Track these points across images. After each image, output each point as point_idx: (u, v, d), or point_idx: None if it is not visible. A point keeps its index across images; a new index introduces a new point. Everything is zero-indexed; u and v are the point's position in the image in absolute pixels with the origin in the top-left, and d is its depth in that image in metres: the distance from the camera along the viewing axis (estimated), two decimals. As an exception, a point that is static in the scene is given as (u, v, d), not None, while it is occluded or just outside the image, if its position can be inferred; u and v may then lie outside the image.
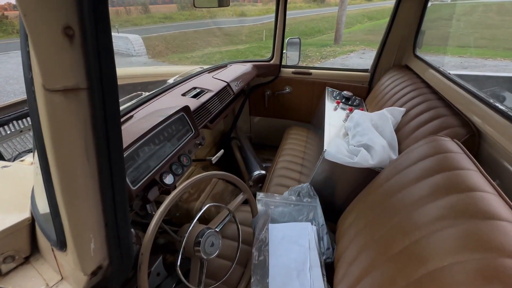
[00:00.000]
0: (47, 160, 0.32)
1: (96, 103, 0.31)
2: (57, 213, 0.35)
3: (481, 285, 0.34)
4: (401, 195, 0.58)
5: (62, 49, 0.27)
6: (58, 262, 0.45)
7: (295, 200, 0.93)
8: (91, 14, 0.27)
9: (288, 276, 0.75)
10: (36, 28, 0.26)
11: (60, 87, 0.28)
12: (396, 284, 0.45)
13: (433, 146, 0.62)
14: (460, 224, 0.42)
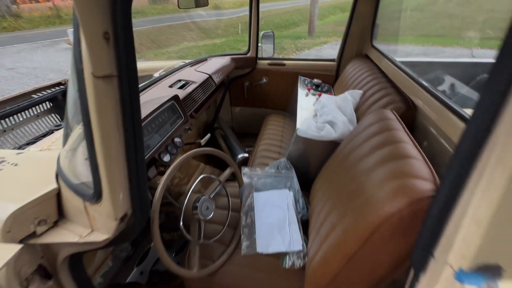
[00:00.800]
0: (91, 130, 0.44)
1: (123, 86, 0.44)
2: (96, 171, 0.47)
3: (394, 199, 0.51)
4: (353, 155, 0.76)
5: (102, 48, 0.40)
6: (90, 215, 0.56)
7: (275, 173, 1.09)
8: (119, 24, 0.40)
9: (272, 232, 0.91)
10: (88, 33, 0.38)
11: (101, 74, 0.41)
12: (345, 216, 0.62)
13: (377, 116, 0.80)
14: (388, 165, 0.59)
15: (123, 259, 1.09)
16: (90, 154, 0.46)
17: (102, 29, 0.39)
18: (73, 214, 0.60)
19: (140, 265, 1.11)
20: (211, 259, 0.84)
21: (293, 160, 1.11)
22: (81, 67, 0.40)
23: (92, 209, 0.54)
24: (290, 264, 0.82)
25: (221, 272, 0.82)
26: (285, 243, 0.87)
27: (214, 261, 0.82)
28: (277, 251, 0.86)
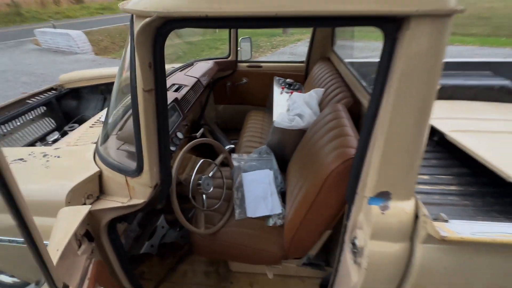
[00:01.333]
0: (139, 124, 0.67)
1: (158, 96, 0.67)
2: (140, 152, 0.70)
3: (335, 161, 0.79)
4: (314, 137, 1.04)
5: (148, 73, 0.63)
6: (130, 187, 0.78)
7: (258, 157, 1.35)
8: (156, 57, 0.63)
9: (258, 201, 1.18)
10: (140, 64, 0.61)
11: (147, 89, 0.64)
12: (307, 178, 0.90)
13: (331, 109, 1.09)
14: (333, 142, 0.88)
15: (134, 238, 1.31)
16: (137, 141, 0.69)
17: (147, 60, 0.62)
18: (114, 188, 0.82)
19: (150, 240, 1.33)
20: (212, 224, 1.09)
21: (272, 147, 1.39)
22: (135, 84, 0.63)
23: (132, 181, 0.77)
24: (272, 223, 1.10)
25: (221, 232, 1.07)
26: (268, 208, 1.15)
27: (215, 225, 1.07)
28: (263, 214, 1.13)
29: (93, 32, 8.61)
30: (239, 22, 0.56)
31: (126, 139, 0.88)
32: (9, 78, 4.70)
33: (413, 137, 0.57)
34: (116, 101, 0.89)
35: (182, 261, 1.28)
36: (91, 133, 1.09)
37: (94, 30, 9.27)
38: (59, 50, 6.69)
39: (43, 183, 0.81)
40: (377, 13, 0.49)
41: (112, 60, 5.90)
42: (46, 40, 6.93)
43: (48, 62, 5.71)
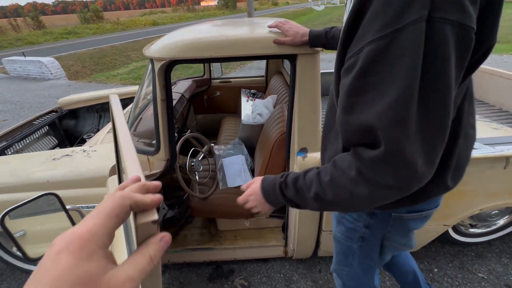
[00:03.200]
0: (158, 121, 1.12)
1: (168, 103, 1.14)
2: (158, 136, 1.15)
3: (277, 136, 1.31)
4: (267, 128, 1.56)
5: (162, 89, 1.10)
6: (150, 162, 1.21)
7: (233, 147, 1.84)
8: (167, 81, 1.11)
9: (235, 176, 1.65)
10: (159, 84, 1.08)
11: (162, 98, 1.11)
12: (263, 150, 1.41)
13: (278, 108, 1.62)
14: (277, 126, 1.40)
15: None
16: (156, 130, 1.15)
17: (162, 83, 1.10)
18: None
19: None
20: (204, 193, 1.54)
21: (242, 139, 1.89)
22: (156, 96, 1.10)
23: (152, 158, 1.22)
24: (246, 189, 1.58)
25: (211, 198, 1.53)
26: (242, 180, 1.63)
27: (205, 193, 1.53)
28: (239, 184, 1.60)
29: (63, 58, 8.70)
30: (211, 60, 1.06)
31: (142, 135, 1.32)
32: None
33: (313, 118, 1.10)
34: (134, 110, 1.34)
35: (182, 229, 1.70)
36: (110, 136, 1.51)
37: (63, 55, 9.33)
38: (30, 77, 6.75)
39: (90, 166, 1.23)
40: (286, 53, 1.02)
41: (88, 84, 6.12)
42: (15, 68, 6.94)
43: (21, 89, 5.79)
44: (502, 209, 1.48)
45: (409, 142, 0.42)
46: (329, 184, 0.53)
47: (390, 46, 0.39)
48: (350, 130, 0.48)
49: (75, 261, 0.20)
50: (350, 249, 0.83)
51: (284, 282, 1.51)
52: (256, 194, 0.68)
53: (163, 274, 1.61)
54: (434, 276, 1.49)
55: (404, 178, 0.45)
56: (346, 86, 0.46)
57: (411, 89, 0.39)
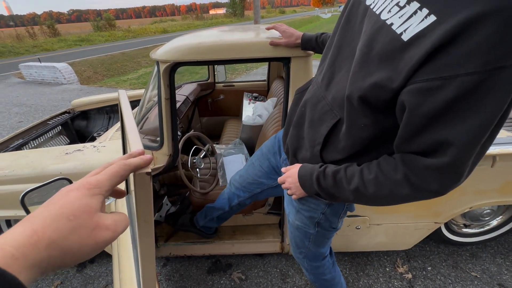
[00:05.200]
0: (162, 117, 1.22)
1: (172, 101, 1.24)
2: (162, 133, 1.24)
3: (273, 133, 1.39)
4: (266, 127, 1.64)
5: (167, 88, 1.20)
6: (154, 157, 1.30)
7: (234, 147, 1.92)
8: (171, 81, 1.21)
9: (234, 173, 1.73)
10: (164, 84, 1.18)
11: (166, 98, 1.20)
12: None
13: (276, 109, 1.70)
14: (274, 124, 1.48)
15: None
16: (160, 126, 1.24)
17: (167, 83, 1.20)
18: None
19: (158, 212, 1.82)
20: (204, 188, 1.62)
21: (243, 139, 1.97)
22: (161, 95, 1.19)
23: (156, 153, 1.31)
24: (245, 186, 1.65)
25: (211, 194, 1.60)
26: (242, 177, 1.70)
27: (206, 189, 1.61)
28: (238, 181, 1.68)
29: (76, 64, 9.04)
30: (212, 63, 1.16)
31: (148, 132, 1.42)
32: (1, 110, 5.00)
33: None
34: (140, 110, 1.44)
35: (184, 224, 1.78)
36: (119, 134, 1.62)
37: (76, 61, 9.70)
38: (44, 82, 7.04)
39: (100, 159, 1.33)
40: (280, 56, 1.11)
41: (99, 89, 6.35)
42: (31, 73, 7.26)
43: (36, 93, 6.05)
44: (493, 209, 1.51)
45: (468, 161, 0.49)
46: (372, 182, 0.60)
47: (489, 80, 0.42)
48: (417, 142, 0.52)
49: (80, 195, 0.26)
50: (306, 234, 0.94)
51: (280, 277, 1.56)
52: (293, 177, 0.77)
53: (165, 266, 1.69)
54: (427, 274, 1.51)
55: (448, 186, 0.53)
56: (428, 108, 0.47)
57: (494, 120, 0.46)
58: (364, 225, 1.40)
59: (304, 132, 0.77)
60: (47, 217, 0.24)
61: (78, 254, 0.24)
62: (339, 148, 0.68)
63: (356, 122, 0.62)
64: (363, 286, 1.48)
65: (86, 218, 0.25)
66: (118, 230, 0.28)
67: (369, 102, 0.56)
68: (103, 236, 0.26)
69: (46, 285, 1.59)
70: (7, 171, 1.32)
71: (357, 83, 0.57)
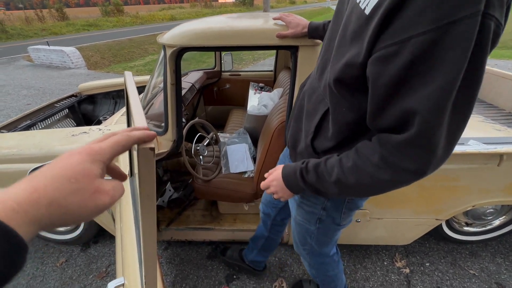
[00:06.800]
0: (167, 102, 1.22)
1: (177, 87, 1.24)
2: (167, 118, 1.25)
3: (277, 124, 1.38)
4: (270, 118, 1.63)
5: (172, 74, 1.19)
6: (158, 142, 1.32)
7: (237, 136, 1.93)
8: (177, 67, 1.20)
9: (238, 163, 1.74)
10: (170, 69, 1.17)
11: (172, 83, 1.20)
12: (264, 137, 1.48)
13: (282, 100, 1.69)
14: (279, 115, 1.47)
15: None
16: (165, 112, 1.25)
17: (173, 68, 1.19)
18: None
19: (161, 197, 1.84)
20: (207, 176, 1.64)
21: (247, 129, 1.97)
22: (167, 80, 1.19)
23: (160, 138, 1.32)
24: (247, 176, 1.66)
25: (213, 181, 1.62)
26: (244, 167, 1.71)
27: (209, 176, 1.62)
28: (241, 170, 1.69)
29: (83, 48, 9.04)
30: (218, 49, 1.14)
31: (153, 117, 1.43)
32: (10, 92, 5.06)
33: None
34: (145, 97, 1.44)
35: (185, 209, 1.81)
36: (124, 118, 1.63)
37: (84, 46, 9.70)
38: (52, 66, 7.08)
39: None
40: (288, 44, 1.09)
41: (106, 74, 6.36)
42: (39, 57, 7.30)
43: (44, 76, 6.10)
44: (497, 208, 1.50)
45: (439, 128, 0.47)
46: (351, 170, 0.57)
47: (443, 38, 0.40)
48: (384, 115, 0.50)
49: (82, 160, 0.27)
50: (308, 231, 0.92)
51: (279, 265, 1.59)
52: (277, 180, 0.74)
53: (166, 250, 1.73)
54: (425, 270, 1.52)
55: (424, 162, 0.50)
56: (389, 76, 0.46)
57: (455, 80, 0.43)
58: (364, 219, 1.40)
59: (303, 124, 0.77)
60: (48, 177, 0.24)
61: (78, 214, 0.25)
62: (328, 135, 0.67)
63: (338, 107, 0.62)
64: (360, 278, 1.49)
65: (87, 182, 0.26)
66: (116, 196, 0.28)
67: (345, 84, 0.56)
68: (102, 200, 0.27)
69: (52, 262, 1.64)
70: (15, 150, 1.35)
71: (333, 67, 0.57)
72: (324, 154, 0.70)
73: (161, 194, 1.83)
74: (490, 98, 2.10)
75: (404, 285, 1.45)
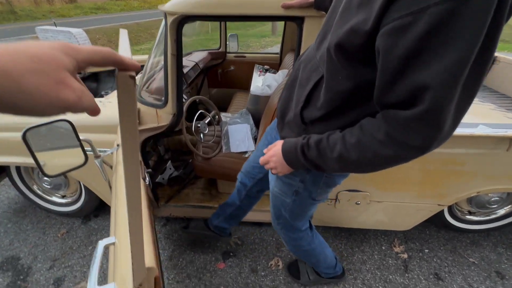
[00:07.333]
0: (167, 74, 1.19)
1: (178, 58, 1.21)
2: (167, 90, 1.23)
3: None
4: (273, 97, 1.59)
5: (173, 44, 1.16)
6: (158, 115, 1.30)
7: (240, 116, 1.90)
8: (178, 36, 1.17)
9: (239, 142, 1.72)
10: (171, 39, 1.14)
11: (173, 54, 1.17)
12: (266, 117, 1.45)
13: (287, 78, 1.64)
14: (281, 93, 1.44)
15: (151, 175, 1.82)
16: (165, 84, 1.22)
17: (174, 38, 1.16)
18: (147, 118, 1.35)
19: (162, 175, 1.85)
20: (207, 154, 1.62)
21: (250, 110, 1.94)
22: (167, 51, 1.16)
23: (160, 111, 1.30)
24: (247, 155, 1.64)
25: (213, 159, 1.61)
26: (246, 146, 1.69)
27: (209, 154, 1.61)
28: (242, 150, 1.67)
29: (90, 31, 9.01)
30: (222, 18, 1.11)
31: (154, 91, 1.41)
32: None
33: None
34: (146, 70, 1.42)
35: (185, 188, 1.81)
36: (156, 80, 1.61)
37: (91, 29, 9.66)
38: (59, 47, 7.07)
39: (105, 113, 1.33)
40: (293, 15, 1.04)
41: (112, 56, 6.33)
42: (47, 37, 7.28)
43: (51, 57, 6.10)
44: (502, 197, 1.46)
45: (449, 105, 0.45)
46: (355, 146, 0.57)
47: (462, 8, 0.39)
48: (394, 90, 0.48)
49: (53, 47, 0.25)
50: (283, 203, 0.92)
51: (275, 245, 1.59)
52: (277, 155, 0.74)
53: (165, 226, 1.74)
54: (423, 256, 1.51)
55: (429, 138, 0.49)
56: (402, 48, 0.44)
57: (471, 54, 0.41)
58: (364, 201, 1.38)
59: (294, 93, 0.75)
60: (9, 49, 0.22)
61: (35, 99, 0.23)
62: (318, 105, 0.66)
63: (334, 75, 0.60)
64: (356, 261, 1.48)
65: (52, 68, 0.23)
66: (83, 100, 0.26)
67: (345, 50, 0.54)
68: (67, 95, 0.24)
69: (53, 232, 1.67)
70: (15, 118, 1.35)
71: (336, 31, 0.56)
72: (312, 124, 0.70)
73: (161, 172, 1.83)
74: (503, 89, 2.02)
75: (401, 269, 1.44)
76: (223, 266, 1.47)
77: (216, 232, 1.45)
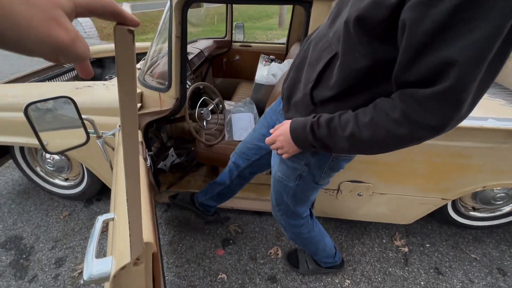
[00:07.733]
0: (171, 58, 1.18)
1: (182, 40, 1.19)
2: (171, 74, 1.21)
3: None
4: (276, 86, 1.57)
5: (178, 26, 1.14)
6: (161, 99, 1.29)
7: (243, 105, 1.88)
8: (183, 18, 1.15)
9: (242, 131, 1.71)
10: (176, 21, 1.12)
11: (177, 35, 1.15)
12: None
13: (292, 67, 1.62)
14: (288, 82, 1.41)
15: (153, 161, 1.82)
16: (169, 67, 1.21)
17: (178, 19, 1.14)
18: (151, 102, 1.34)
19: (164, 161, 1.85)
20: (210, 141, 1.62)
21: (254, 99, 1.92)
22: (171, 33, 1.14)
23: (164, 95, 1.29)
24: (251, 144, 1.63)
25: (216, 147, 1.60)
26: (248, 135, 1.68)
27: (212, 142, 1.60)
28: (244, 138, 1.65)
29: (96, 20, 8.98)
30: (230, 1, 1.08)
31: (157, 75, 1.39)
32: (22, 57, 5.11)
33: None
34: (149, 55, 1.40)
35: (187, 175, 1.81)
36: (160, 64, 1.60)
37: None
38: (66, 34, 7.07)
39: (108, 96, 1.33)
40: None
41: (117, 45, 6.32)
42: (53, 24, 7.29)
43: (57, 44, 6.12)
44: (508, 193, 1.43)
45: (471, 83, 0.44)
46: (367, 125, 0.56)
47: None
48: (417, 67, 0.47)
49: None
50: (286, 188, 0.90)
51: (275, 235, 1.59)
52: (284, 134, 0.72)
53: (166, 212, 1.75)
54: (424, 250, 1.49)
55: (447, 119, 0.48)
56: (430, 22, 0.42)
57: (501, 29, 0.39)
58: (367, 193, 1.36)
59: (303, 73, 0.73)
60: None
61: (24, 31, 0.21)
62: (330, 84, 0.64)
63: (350, 52, 0.58)
64: (356, 252, 1.48)
65: (46, 3, 0.22)
66: (76, 45, 0.25)
67: (365, 24, 0.52)
68: (58, 34, 0.23)
69: (56, 214, 1.69)
70: (19, 98, 1.35)
71: (356, 5, 0.54)
72: (322, 104, 0.68)
73: (164, 158, 1.83)
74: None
75: (401, 262, 1.43)
76: (222, 252, 1.47)
77: (199, 209, 1.44)
